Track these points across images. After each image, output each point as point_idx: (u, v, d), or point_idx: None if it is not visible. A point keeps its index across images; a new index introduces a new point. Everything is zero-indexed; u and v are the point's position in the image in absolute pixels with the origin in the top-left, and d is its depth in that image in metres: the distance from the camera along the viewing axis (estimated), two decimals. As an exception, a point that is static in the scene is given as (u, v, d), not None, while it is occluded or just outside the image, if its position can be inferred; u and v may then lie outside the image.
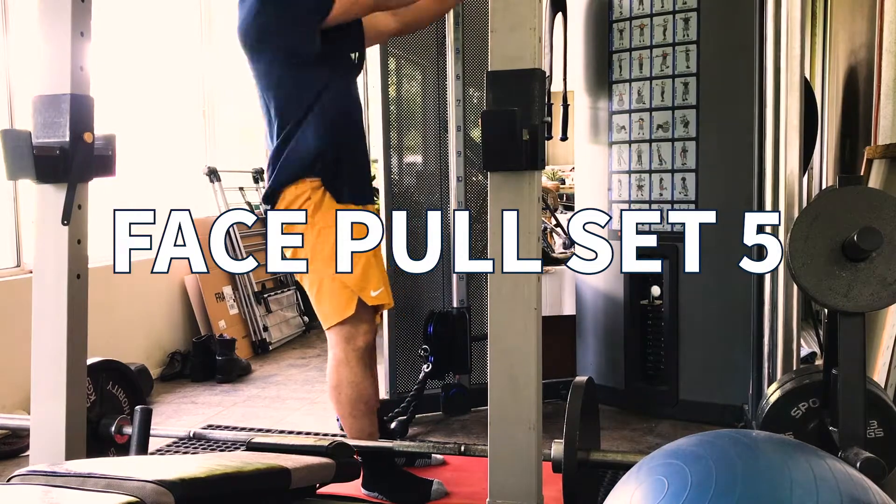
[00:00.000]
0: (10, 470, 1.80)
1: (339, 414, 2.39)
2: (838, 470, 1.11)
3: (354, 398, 2.33)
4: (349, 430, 2.37)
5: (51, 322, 1.98)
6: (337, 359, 2.33)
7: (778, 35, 2.36)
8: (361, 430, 2.35)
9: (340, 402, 2.35)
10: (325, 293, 2.30)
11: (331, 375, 2.36)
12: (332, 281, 2.28)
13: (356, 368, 2.32)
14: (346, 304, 2.28)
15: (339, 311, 2.29)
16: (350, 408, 2.34)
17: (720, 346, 3.15)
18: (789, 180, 2.36)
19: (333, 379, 2.35)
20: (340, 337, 2.32)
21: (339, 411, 2.38)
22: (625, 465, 1.70)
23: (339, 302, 2.29)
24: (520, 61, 1.55)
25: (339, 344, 2.33)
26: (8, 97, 3.47)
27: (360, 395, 2.33)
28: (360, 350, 2.32)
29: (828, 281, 1.58)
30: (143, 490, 1.32)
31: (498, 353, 1.62)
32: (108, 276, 3.94)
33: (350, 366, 2.32)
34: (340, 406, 2.35)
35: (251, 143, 5.73)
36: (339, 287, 2.28)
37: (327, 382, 2.38)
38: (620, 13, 3.29)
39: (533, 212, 1.59)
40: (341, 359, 2.32)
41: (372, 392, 2.37)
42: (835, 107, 4.16)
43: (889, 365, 2.36)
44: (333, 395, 2.36)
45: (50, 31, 1.94)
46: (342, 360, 2.32)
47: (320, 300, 2.32)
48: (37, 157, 1.90)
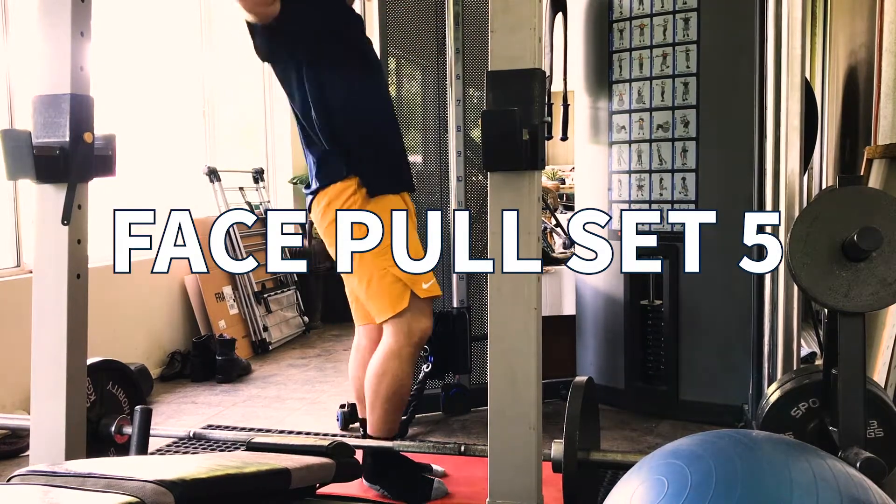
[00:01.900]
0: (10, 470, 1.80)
1: (372, 403, 2.37)
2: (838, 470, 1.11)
3: (394, 391, 2.33)
4: (376, 422, 2.37)
5: (51, 322, 1.98)
6: (390, 349, 2.33)
7: (778, 35, 2.36)
8: (387, 423, 2.36)
9: (379, 393, 2.34)
10: (376, 287, 2.31)
11: (377, 364, 2.34)
12: (383, 275, 2.29)
13: (406, 363, 2.33)
14: (399, 297, 2.29)
15: (394, 304, 2.30)
16: (386, 399, 2.34)
17: (720, 346, 3.15)
18: (789, 180, 2.36)
19: (380, 368, 2.33)
20: (398, 329, 2.32)
21: (374, 401, 2.36)
22: (625, 465, 1.70)
23: (392, 295, 2.29)
24: (520, 61, 1.55)
25: (396, 335, 2.33)
26: (8, 97, 3.47)
27: (400, 389, 2.34)
28: (415, 344, 2.34)
29: (828, 281, 1.58)
30: (143, 490, 1.32)
31: (498, 353, 1.62)
32: (108, 276, 3.94)
33: (401, 359, 2.32)
34: (377, 396, 2.34)
35: (251, 143, 5.73)
36: (390, 281, 2.29)
37: (371, 370, 2.36)
38: (620, 13, 3.29)
39: (533, 212, 1.59)
40: (394, 350, 2.32)
41: (408, 392, 2.39)
42: (835, 107, 4.16)
43: (889, 365, 2.36)
44: (374, 383, 2.34)
45: (50, 31, 1.94)
46: (395, 352, 2.32)
47: (372, 295, 2.32)
48: (37, 157, 1.90)
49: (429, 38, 3.28)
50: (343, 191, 2.31)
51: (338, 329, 5.42)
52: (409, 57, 3.37)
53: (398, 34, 3.21)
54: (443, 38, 3.17)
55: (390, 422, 2.37)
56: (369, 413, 2.39)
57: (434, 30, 3.25)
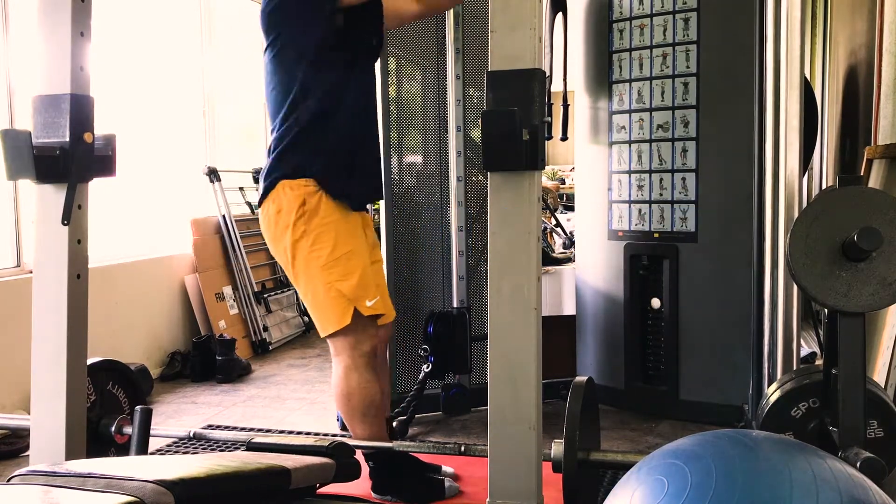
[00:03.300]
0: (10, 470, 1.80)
1: (349, 421, 2.32)
2: (838, 470, 1.11)
3: (367, 403, 2.27)
4: (360, 436, 2.31)
5: (51, 322, 1.98)
6: (345, 365, 2.27)
7: (778, 35, 2.36)
8: (372, 435, 2.30)
9: (352, 409, 2.28)
10: (320, 301, 2.25)
11: (339, 383, 2.29)
12: (328, 289, 2.23)
13: (365, 374, 2.26)
14: (342, 313, 2.23)
15: (337, 320, 2.24)
16: (362, 413, 2.28)
17: (720, 346, 3.15)
18: (789, 180, 2.36)
19: (343, 386, 2.27)
20: (344, 345, 2.27)
21: (349, 418, 2.31)
22: (625, 465, 1.70)
23: (335, 311, 2.24)
24: (520, 61, 1.55)
25: (345, 351, 2.27)
26: (8, 97, 3.47)
27: (372, 399, 2.27)
28: (366, 355, 2.27)
29: (828, 281, 1.58)
30: (143, 490, 1.32)
31: (498, 353, 1.62)
32: (108, 276, 3.97)
33: (359, 372, 2.26)
34: (352, 412, 2.29)
35: (251, 143, 5.73)
36: (335, 296, 2.23)
37: (335, 391, 2.31)
38: (620, 13, 3.29)
39: (533, 212, 1.59)
40: (349, 365, 2.26)
41: (381, 397, 2.32)
42: (835, 107, 4.16)
43: (889, 365, 2.36)
44: (343, 403, 2.29)
45: (50, 31, 1.94)
46: (350, 367, 2.26)
47: (316, 308, 2.27)
48: (37, 157, 1.90)
49: (429, 38, 3.28)
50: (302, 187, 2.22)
51: (338, 329, 5.42)
52: (409, 57, 3.37)
53: (398, 34, 3.21)
54: (443, 38, 3.17)
55: (375, 431, 2.31)
56: (352, 431, 2.34)
57: (434, 30, 3.25)
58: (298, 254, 2.24)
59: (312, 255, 2.23)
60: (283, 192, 2.24)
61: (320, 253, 2.22)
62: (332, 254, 2.22)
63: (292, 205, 2.22)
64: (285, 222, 2.24)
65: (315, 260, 2.23)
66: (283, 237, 2.25)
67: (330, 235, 2.23)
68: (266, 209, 2.29)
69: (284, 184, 2.24)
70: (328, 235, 2.23)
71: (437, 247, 3.31)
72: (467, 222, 3.20)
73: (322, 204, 2.23)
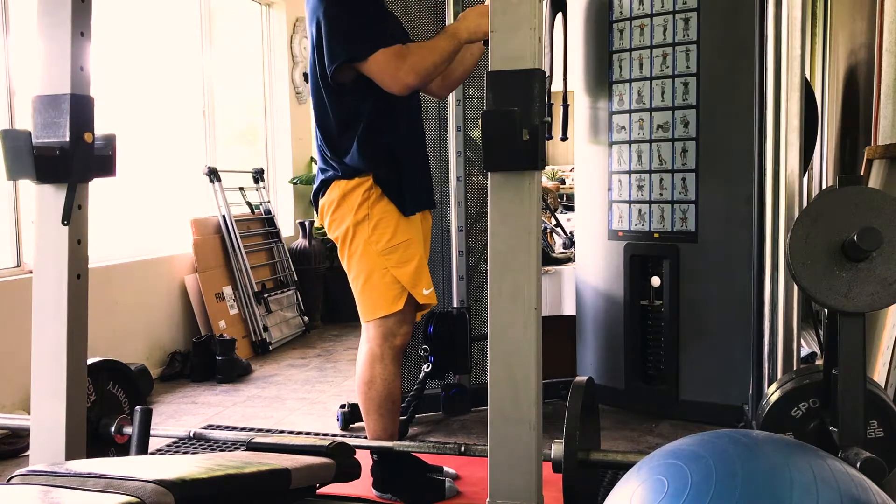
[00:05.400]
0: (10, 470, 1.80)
1: (365, 409, 2.36)
2: (838, 470, 1.11)
3: (385, 395, 2.32)
4: (373, 428, 2.36)
5: (51, 322, 1.98)
6: (372, 354, 2.32)
7: (778, 35, 2.36)
8: (385, 429, 2.35)
9: (370, 398, 2.33)
10: (374, 285, 2.29)
11: (363, 370, 2.33)
12: (383, 273, 2.27)
13: (391, 366, 2.31)
14: (394, 299, 2.28)
15: (388, 305, 2.28)
16: (378, 405, 2.32)
17: (720, 346, 3.15)
18: (789, 180, 2.36)
19: (366, 374, 2.33)
20: (379, 332, 2.31)
21: (367, 407, 2.35)
22: (625, 465, 1.70)
23: (388, 296, 2.28)
24: (520, 61, 1.55)
25: (377, 339, 2.31)
26: (8, 97, 3.47)
27: (391, 393, 2.32)
28: (397, 348, 2.32)
29: (828, 281, 1.58)
30: (143, 490, 1.32)
31: (498, 353, 1.62)
32: (108, 276, 3.97)
33: (385, 363, 2.31)
34: (370, 402, 2.33)
35: (251, 143, 5.74)
36: (389, 281, 2.27)
37: (358, 377, 2.35)
38: (620, 13, 3.29)
39: (533, 212, 1.59)
40: (377, 355, 2.31)
41: (399, 392, 2.37)
42: (835, 107, 4.16)
43: (889, 365, 2.36)
44: (363, 391, 2.34)
45: (50, 31, 1.94)
46: (378, 357, 2.31)
47: (368, 290, 2.30)
48: (37, 157, 1.90)
49: (429, 37, 3.27)
50: (359, 185, 2.28)
51: (338, 329, 5.42)
52: (409, 57, 3.36)
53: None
54: (443, 38, 3.16)
55: (388, 426, 2.35)
56: (366, 420, 2.38)
57: (434, 30, 3.25)
58: (358, 235, 2.28)
59: (372, 239, 2.27)
60: (348, 183, 2.29)
61: (380, 238, 2.27)
62: (391, 240, 2.27)
63: (358, 190, 2.28)
64: (350, 204, 2.28)
65: (374, 244, 2.27)
66: (346, 217, 2.29)
67: (391, 222, 2.27)
68: (330, 194, 2.32)
69: (346, 179, 2.29)
70: (389, 221, 2.27)
71: (436, 247, 3.31)
72: (467, 222, 3.20)
73: (384, 196, 2.29)
